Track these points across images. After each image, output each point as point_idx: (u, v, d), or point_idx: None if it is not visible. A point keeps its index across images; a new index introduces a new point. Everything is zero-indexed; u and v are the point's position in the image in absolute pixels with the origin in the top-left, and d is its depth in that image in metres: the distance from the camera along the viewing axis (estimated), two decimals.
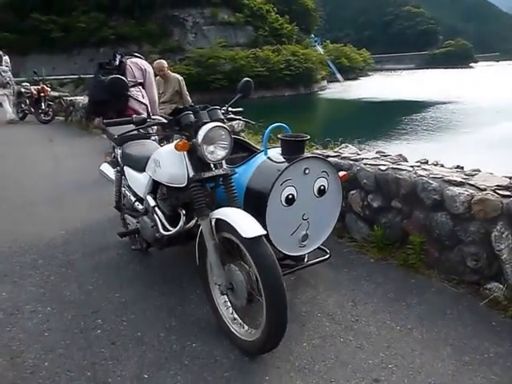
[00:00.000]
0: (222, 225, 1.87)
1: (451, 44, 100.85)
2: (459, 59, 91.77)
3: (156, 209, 2.29)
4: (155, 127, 2.45)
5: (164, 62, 5.57)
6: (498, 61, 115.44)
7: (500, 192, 2.40)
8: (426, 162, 3.10)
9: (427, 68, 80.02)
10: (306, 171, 2.28)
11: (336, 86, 49.00)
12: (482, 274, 2.43)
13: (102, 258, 2.97)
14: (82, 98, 10.46)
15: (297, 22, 53.29)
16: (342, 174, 2.51)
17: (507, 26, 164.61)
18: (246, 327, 1.98)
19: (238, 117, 2.26)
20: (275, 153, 2.41)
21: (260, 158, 2.41)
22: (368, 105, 33.23)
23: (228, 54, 40.46)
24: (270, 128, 2.38)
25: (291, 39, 51.31)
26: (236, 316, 2.05)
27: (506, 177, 2.62)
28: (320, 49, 59.14)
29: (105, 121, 2.14)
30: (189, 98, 5.66)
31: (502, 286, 2.33)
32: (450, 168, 2.94)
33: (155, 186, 2.36)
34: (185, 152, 1.96)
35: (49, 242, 3.23)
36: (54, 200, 4.36)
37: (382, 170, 2.93)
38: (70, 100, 10.72)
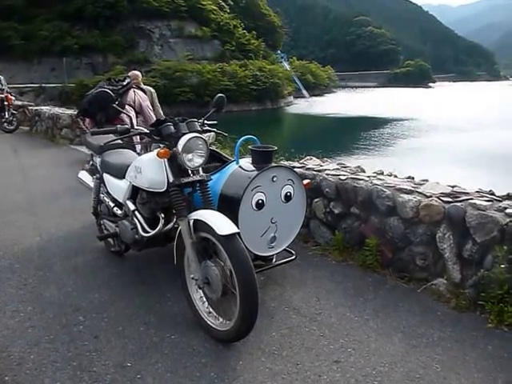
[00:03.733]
0: (199, 225, 2.10)
1: (411, 64, 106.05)
2: (419, 79, 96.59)
3: (136, 212, 2.49)
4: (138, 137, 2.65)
5: (139, 73, 5.74)
6: (454, 81, 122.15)
7: (443, 198, 2.75)
8: (382, 173, 3.45)
9: (389, 86, 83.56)
10: (274, 179, 2.55)
11: (302, 101, 50.29)
12: (429, 272, 2.77)
13: (79, 261, 3.10)
14: (47, 108, 10.38)
15: (263, 37, 54.56)
16: (306, 182, 2.80)
17: (462, 49, 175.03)
18: (221, 319, 2.20)
19: (213, 129, 2.51)
20: (246, 162, 2.67)
21: (232, 167, 2.66)
22: (332, 120, 34.39)
23: (195, 68, 40.77)
24: (241, 139, 2.64)
25: (258, 55, 52.40)
26: (211, 309, 2.27)
27: (449, 186, 3.00)
28: (286, 65, 60.56)
29: (91, 130, 2.32)
30: (161, 111, 5.85)
31: (445, 281, 2.67)
32: (402, 178, 3.30)
33: (135, 192, 2.55)
34: (165, 159, 2.18)
35: (24, 248, 3.32)
36: (27, 208, 4.42)
37: (341, 180, 3.25)
38: (36, 110, 10.60)
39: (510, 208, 2.51)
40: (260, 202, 2.51)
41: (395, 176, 3.39)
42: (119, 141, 3.03)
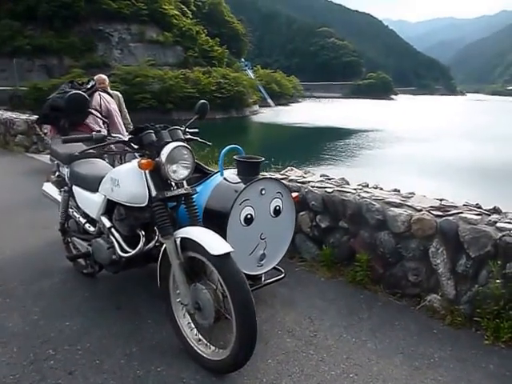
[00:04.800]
0: (187, 244, 1.95)
1: (373, 76, 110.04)
2: (381, 91, 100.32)
3: (112, 230, 2.30)
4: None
5: (106, 77, 5.50)
6: (414, 94, 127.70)
7: (434, 212, 2.74)
8: (367, 185, 3.42)
9: (353, 97, 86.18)
10: (263, 192, 2.44)
11: (267, 110, 50.80)
12: (421, 287, 2.74)
13: (44, 284, 2.84)
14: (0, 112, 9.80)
15: (227, 45, 54.88)
16: (294, 195, 2.71)
17: (422, 64, 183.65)
18: (213, 347, 2.05)
19: (195, 137, 2.38)
20: (231, 174, 2.55)
21: (216, 179, 2.53)
22: (299, 130, 34.93)
23: (157, 73, 40.30)
24: (225, 149, 2.52)
25: (222, 62, 52.61)
26: (201, 337, 2.11)
27: (437, 199, 3.00)
28: (251, 73, 61.13)
29: (63, 137, 2.12)
30: (128, 117, 5.63)
31: (439, 297, 2.65)
32: (388, 191, 3.28)
33: (110, 207, 2.37)
34: (146, 171, 2.02)
35: None
36: None
37: (328, 192, 3.19)
38: None
39: (500, 222, 2.53)
40: (249, 216, 2.39)
41: (381, 188, 3.36)
42: (91, 150, 2.86)
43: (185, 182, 2.10)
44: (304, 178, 3.58)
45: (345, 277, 3.05)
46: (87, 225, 2.57)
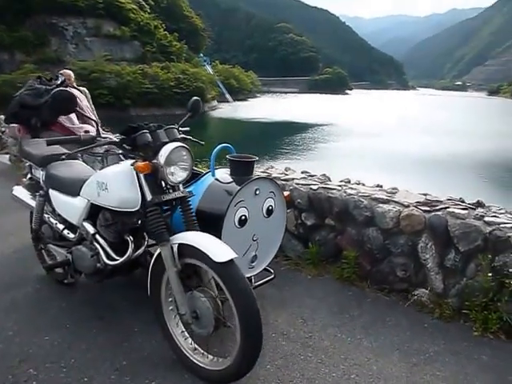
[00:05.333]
0: (185, 250, 1.83)
1: (329, 72, 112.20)
2: (337, 86, 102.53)
3: (97, 236, 2.13)
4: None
5: (71, 72, 5.17)
6: (368, 89, 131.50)
7: (421, 208, 2.75)
8: (349, 181, 3.40)
9: (310, 92, 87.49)
10: (257, 192, 2.34)
11: (226, 106, 50.60)
12: (410, 282, 2.75)
13: (17, 296, 2.62)
14: None
15: (186, 40, 54.04)
16: (286, 193, 2.64)
17: (376, 59, 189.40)
18: (211, 356, 1.94)
19: (188, 136, 2.24)
20: (223, 174, 2.43)
21: (208, 179, 2.41)
22: (258, 125, 35.05)
23: (114, 69, 39.08)
24: (217, 148, 2.40)
25: (180, 57, 51.77)
26: (197, 346, 2.00)
27: (421, 194, 3.02)
28: (209, 69, 60.55)
29: (47, 139, 1.94)
30: (95, 113, 5.33)
31: (427, 292, 2.66)
32: (372, 187, 3.27)
33: (94, 212, 2.19)
34: (141, 174, 1.88)
35: None
36: None
37: (314, 190, 3.14)
38: None
39: (487, 216, 2.57)
40: (243, 218, 2.29)
41: (363, 184, 3.35)
42: (64, 150, 2.66)
43: (180, 185, 1.97)
44: (286, 175, 3.51)
45: (331, 274, 3.01)
46: (66, 231, 2.38)
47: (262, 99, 64.69)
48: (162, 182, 1.94)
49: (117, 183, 1.96)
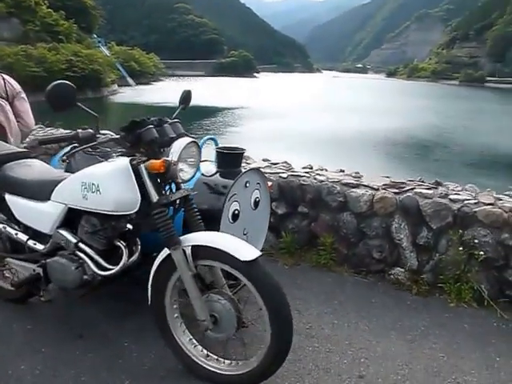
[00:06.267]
0: (200, 252, 1.76)
1: (235, 54, 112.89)
2: (244, 69, 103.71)
3: (81, 245, 1.95)
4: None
5: None
6: (275, 72, 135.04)
7: (391, 190, 2.95)
8: (311, 168, 3.51)
9: (216, 76, 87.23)
10: (247, 184, 2.33)
11: (128, 90, 48.34)
12: (385, 263, 2.94)
13: None
14: None
15: (75, 19, 50.29)
16: (269, 184, 2.64)
17: (280, 42, 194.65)
18: (228, 361, 1.90)
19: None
20: (208, 167, 2.36)
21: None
22: (164, 109, 34.00)
23: None
24: (203, 140, 2.32)
25: (70, 38, 48.13)
26: (208, 352, 1.94)
27: (384, 177, 3.24)
28: (105, 50, 57.17)
29: (40, 138, 1.71)
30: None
31: (403, 270, 2.88)
32: (336, 171, 3.42)
33: (70, 217, 2.00)
34: (145, 172, 1.76)
35: None
36: None
37: (284, 178, 3.19)
38: None
39: (451, 194, 2.85)
40: (236, 212, 2.26)
41: (326, 170, 3.49)
42: (17, 149, 2.39)
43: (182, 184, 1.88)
44: (248, 163, 3.51)
45: (308, 262, 3.10)
46: (31, 242, 2.13)
47: (167, 83, 62.82)
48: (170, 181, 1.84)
49: (112, 184, 1.80)
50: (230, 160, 2.33)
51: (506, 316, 2.54)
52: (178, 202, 1.89)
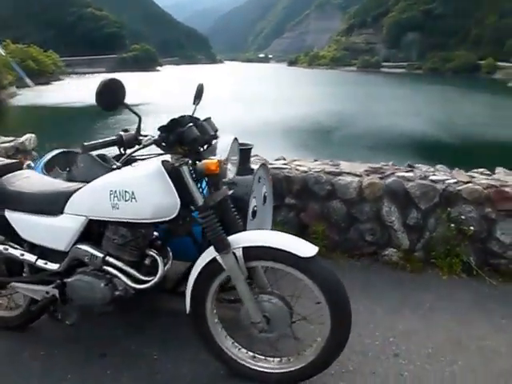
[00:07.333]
0: (252, 253, 1.72)
1: (137, 48, 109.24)
2: (147, 63, 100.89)
3: (110, 259, 1.80)
4: None
5: None
6: (178, 65, 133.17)
7: (374, 175, 3.11)
8: (284, 159, 3.56)
9: (119, 71, 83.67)
10: (260, 180, 2.31)
11: (26, 91, 44.69)
12: (378, 244, 3.09)
13: None
14: None
15: None
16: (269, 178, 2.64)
17: (183, 34, 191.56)
18: (277, 358, 1.89)
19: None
20: None
21: None
22: (67, 110, 32.24)
23: None
24: None
25: None
26: (254, 354, 1.91)
27: (362, 163, 3.40)
28: (0, 49, 52.21)
29: (86, 144, 1.53)
30: None
31: (395, 250, 3.04)
32: (312, 161, 3.51)
33: (92, 230, 1.84)
34: (186, 173, 1.67)
35: None
36: None
37: None
38: None
39: (431, 175, 3.07)
40: (255, 208, 2.24)
41: (299, 160, 3.55)
42: (7, 160, 2.14)
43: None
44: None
45: None
46: (41, 262, 1.92)
47: (68, 81, 59.15)
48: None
49: (149, 189, 1.68)
50: (241, 156, 2.28)
51: (494, 282, 2.81)
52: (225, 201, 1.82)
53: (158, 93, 37.02)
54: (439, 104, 31.86)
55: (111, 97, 1.55)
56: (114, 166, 1.81)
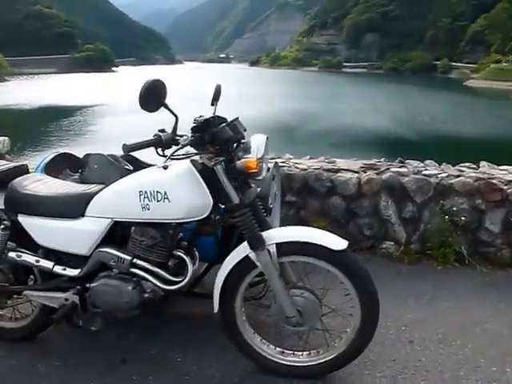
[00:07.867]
0: (284, 248, 1.77)
1: (90, 48, 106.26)
2: (101, 63, 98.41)
3: (138, 261, 1.79)
4: None
5: None
6: (134, 65, 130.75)
7: (371, 171, 3.23)
8: (279, 157, 3.62)
9: (71, 72, 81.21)
10: (273, 178, 2.36)
11: None
12: (375, 238, 3.21)
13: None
14: None
15: None
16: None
17: (139, 33, 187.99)
18: (306, 352, 1.95)
19: None
20: None
21: None
22: (14, 113, 30.94)
23: None
24: None
25: None
26: (282, 349, 1.96)
27: (355, 160, 3.52)
28: None
29: (127, 144, 1.51)
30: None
31: (392, 243, 3.18)
32: (308, 159, 3.59)
33: (115, 232, 1.83)
34: (222, 172, 1.70)
35: None
36: None
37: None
38: None
39: (423, 170, 3.22)
40: (270, 206, 2.28)
41: (294, 158, 3.63)
42: (14, 163, 2.08)
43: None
44: None
45: None
46: (58, 267, 1.88)
47: (14, 83, 56.80)
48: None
49: (182, 189, 1.70)
50: None
51: (485, 270, 2.99)
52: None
53: (114, 94, 36.22)
54: (401, 102, 33.00)
55: (154, 98, 1.56)
56: (127, 167, 1.81)
